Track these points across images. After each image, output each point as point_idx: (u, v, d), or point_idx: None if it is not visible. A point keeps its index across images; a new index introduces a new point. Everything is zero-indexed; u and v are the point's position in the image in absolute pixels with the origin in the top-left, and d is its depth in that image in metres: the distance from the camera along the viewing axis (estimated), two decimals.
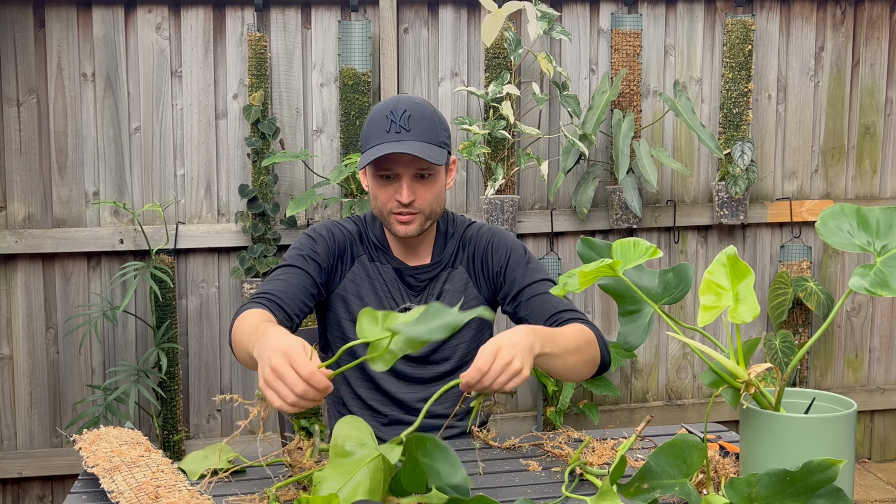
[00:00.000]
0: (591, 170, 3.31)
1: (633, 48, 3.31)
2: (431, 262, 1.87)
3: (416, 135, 1.71)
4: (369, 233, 1.88)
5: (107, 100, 3.12)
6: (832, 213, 1.25)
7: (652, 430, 1.74)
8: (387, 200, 1.77)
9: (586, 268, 1.29)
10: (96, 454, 1.47)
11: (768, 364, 1.24)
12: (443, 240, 1.89)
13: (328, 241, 1.83)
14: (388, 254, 1.86)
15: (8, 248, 3.06)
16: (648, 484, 1.18)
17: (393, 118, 1.72)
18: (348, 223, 1.89)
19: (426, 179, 1.76)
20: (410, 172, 1.74)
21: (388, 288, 1.85)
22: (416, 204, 1.75)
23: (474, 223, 1.93)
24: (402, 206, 1.75)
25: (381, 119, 1.73)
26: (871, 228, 1.23)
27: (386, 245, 1.87)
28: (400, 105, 1.73)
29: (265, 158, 3.05)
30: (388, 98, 1.79)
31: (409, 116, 1.72)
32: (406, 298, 1.85)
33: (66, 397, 3.18)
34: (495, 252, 1.87)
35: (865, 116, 3.57)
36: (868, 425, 3.71)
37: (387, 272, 1.86)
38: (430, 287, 1.86)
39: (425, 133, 1.72)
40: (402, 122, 1.71)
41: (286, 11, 3.19)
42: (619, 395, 3.35)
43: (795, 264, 3.48)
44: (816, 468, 1.09)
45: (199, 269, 3.23)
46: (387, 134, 1.71)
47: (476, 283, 1.88)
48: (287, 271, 1.78)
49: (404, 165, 1.73)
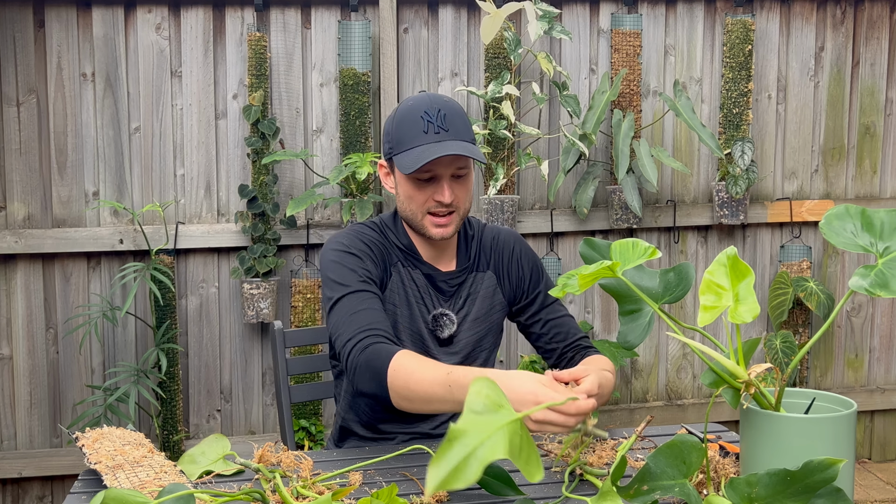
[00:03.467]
0: (591, 170, 3.31)
1: (633, 48, 3.31)
2: (459, 266, 1.84)
3: (455, 134, 1.67)
4: (393, 238, 1.82)
5: (107, 100, 3.12)
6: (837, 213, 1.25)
7: (652, 430, 1.74)
8: (424, 201, 1.72)
9: (586, 269, 1.29)
10: (99, 452, 1.47)
11: (768, 364, 1.24)
12: (465, 243, 1.86)
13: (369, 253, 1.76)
14: (418, 259, 1.81)
15: (8, 248, 3.06)
16: (648, 485, 1.17)
17: (429, 118, 1.67)
18: (369, 231, 1.81)
19: (462, 178, 1.73)
20: (449, 172, 1.70)
21: (421, 294, 1.80)
22: (454, 203, 1.73)
23: (488, 225, 1.92)
24: (442, 206, 1.71)
25: (415, 119, 1.68)
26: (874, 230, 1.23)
27: (415, 250, 1.81)
28: (433, 104, 1.69)
29: (265, 157, 3.04)
30: (415, 97, 1.73)
31: (444, 115, 1.67)
32: (437, 304, 1.81)
33: (66, 397, 3.18)
34: (522, 262, 1.87)
35: (865, 116, 3.57)
36: (868, 425, 3.71)
37: (418, 278, 1.80)
38: (460, 291, 1.84)
39: (462, 131, 1.69)
40: (440, 122, 1.67)
41: (286, 11, 3.19)
42: (619, 395, 3.35)
43: (795, 264, 3.48)
44: (816, 468, 1.08)
45: (198, 270, 3.22)
46: (426, 135, 1.67)
47: (502, 289, 1.87)
48: (364, 298, 1.68)
49: (444, 166, 1.69)
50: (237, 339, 3.27)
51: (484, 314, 1.84)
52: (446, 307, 1.82)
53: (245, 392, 3.29)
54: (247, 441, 3.27)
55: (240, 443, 3.25)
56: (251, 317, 3.13)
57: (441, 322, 1.80)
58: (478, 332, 1.84)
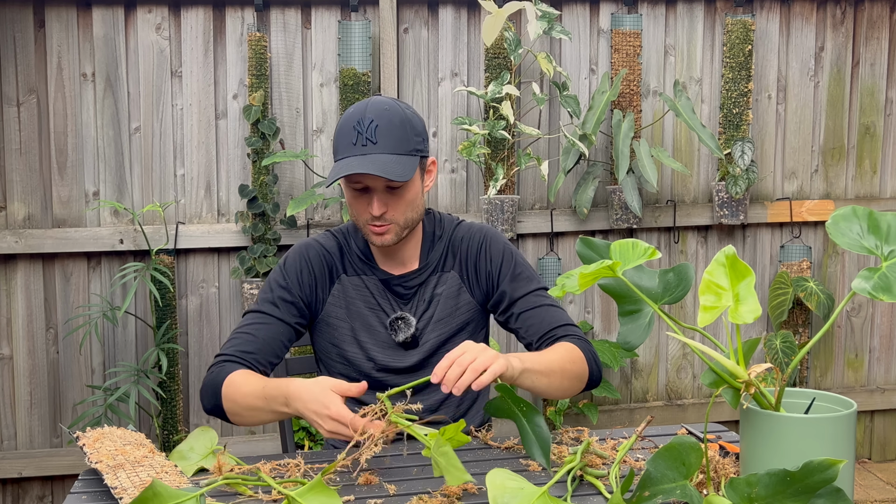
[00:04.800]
0: (591, 170, 3.31)
1: (633, 48, 3.31)
2: (419, 267, 1.84)
3: (383, 147, 1.65)
4: (352, 245, 1.84)
5: (107, 100, 3.13)
6: (844, 214, 1.25)
7: (652, 430, 1.74)
8: (361, 212, 1.73)
9: (586, 269, 1.29)
10: (100, 451, 1.47)
11: (768, 364, 1.24)
12: (430, 243, 1.85)
13: (300, 274, 1.80)
14: (372, 265, 1.82)
15: (8, 248, 3.06)
16: (650, 491, 1.17)
17: (359, 129, 1.66)
18: (328, 239, 1.85)
19: (397, 191, 1.71)
20: (381, 185, 1.69)
21: (377, 300, 1.82)
22: (387, 216, 1.71)
23: (463, 222, 1.89)
24: (375, 218, 1.71)
25: (348, 130, 1.68)
26: (881, 233, 1.24)
27: (370, 256, 1.83)
28: (367, 114, 1.67)
29: (265, 158, 3.05)
30: (359, 103, 1.72)
31: (375, 127, 1.65)
32: (396, 308, 1.82)
33: (66, 397, 3.18)
34: (488, 256, 1.84)
35: (865, 116, 3.57)
36: (868, 425, 3.71)
37: (373, 284, 1.82)
38: (421, 293, 1.83)
39: (393, 144, 1.66)
40: (369, 135, 1.65)
41: (286, 11, 3.19)
42: (619, 396, 3.35)
43: (795, 264, 3.48)
44: (816, 468, 1.09)
45: (199, 270, 3.23)
46: (353, 147, 1.66)
47: (469, 289, 1.85)
48: (257, 320, 1.78)
49: (372, 179, 1.68)
50: None
51: (448, 315, 1.83)
52: (406, 310, 1.82)
53: None
54: (247, 441, 3.27)
55: (240, 443, 3.25)
56: None
57: (396, 326, 1.81)
58: (442, 333, 1.83)
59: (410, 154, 1.69)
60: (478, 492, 1.41)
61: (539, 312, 1.79)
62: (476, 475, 1.45)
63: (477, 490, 1.41)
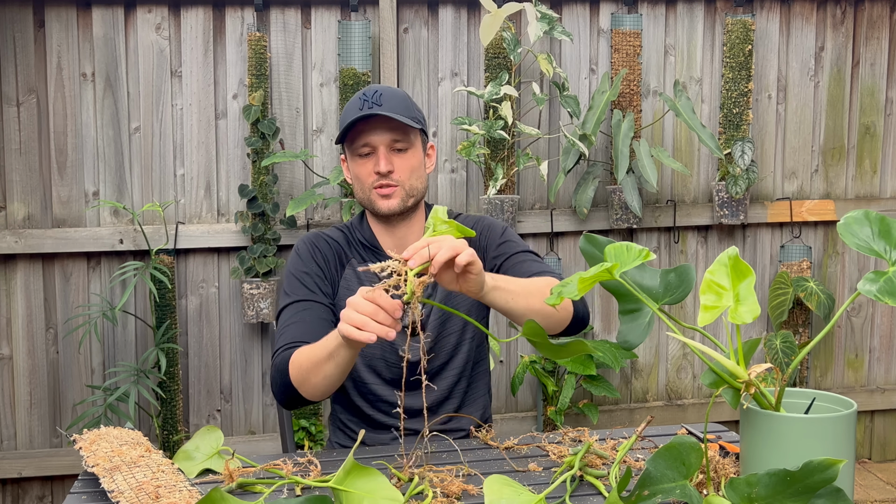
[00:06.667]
0: (591, 170, 3.31)
1: (633, 48, 3.31)
2: None
3: (388, 108, 1.74)
4: (357, 236, 1.89)
5: (106, 100, 3.12)
6: (856, 217, 1.27)
7: (652, 430, 1.74)
8: (367, 175, 1.79)
9: (585, 274, 1.29)
10: (96, 454, 1.47)
11: (768, 364, 1.24)
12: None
13: (315, 255, 1.84)
14: (379, 252, 1.86)
15: (8, 248, 3.06)
16: (649, 490, 1.17)
17: (365, 98, 1.76)
18: (333, 232, 1.90)
19: (402, 152, 1.78)
20: (386, 142, 1.76)
21: None
22: (394, 175, 1.77)
23: (459, 215, 1.94)
24: (381, 176, 1.76)
25: (354, 101, 1.77)
26: (891, 238, 1.25)
27: (376, 244, 1.87)
28: (372, 88, 1.79)
29: (265, 158, 3.04)
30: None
31: (380, 95, 1.76)
32: None
33: (66, 397, 3.18)
34: (485, 236, 1.88)
35: (865, 116, 3.57)
36: (868, 425, 3.71)
37: None
38: None
39: (397, 107, 1.75)
40: (374, 100, 1.75)
41: (286, 11, 3.19)
42: (619, 396, 3.35)
43: (795, 264, 3.48)
44: (816, 468, 1.08)
45: (198, 269, 3.22)
46: (360, 111, 1.75)
47: None
48: (297, 309, 1.77)
49: (379, 135, 1.75)
50: (237, 339, 3.27)
51: (444, 299, 1.85)
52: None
53: (245, 392, 3.28)
54: (247, 441, 3.27)
55: (240, 443, 3.25)
56: (251, 317, 3.13)
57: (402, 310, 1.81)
58: (441, 314, 1.85)
59: (414, 119, 1.78)
60: (478, 492, 1.41)
61: (523, 265, 1.81)
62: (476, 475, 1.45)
63: (477, 491, 1.41)
